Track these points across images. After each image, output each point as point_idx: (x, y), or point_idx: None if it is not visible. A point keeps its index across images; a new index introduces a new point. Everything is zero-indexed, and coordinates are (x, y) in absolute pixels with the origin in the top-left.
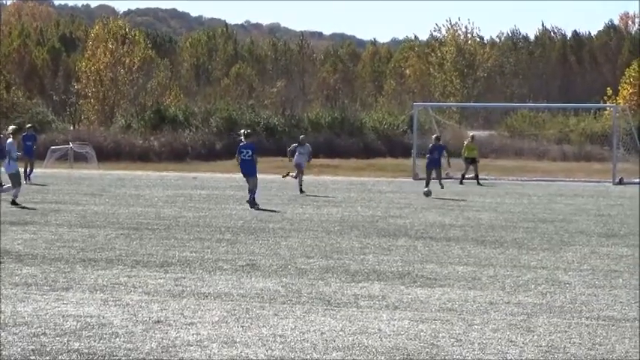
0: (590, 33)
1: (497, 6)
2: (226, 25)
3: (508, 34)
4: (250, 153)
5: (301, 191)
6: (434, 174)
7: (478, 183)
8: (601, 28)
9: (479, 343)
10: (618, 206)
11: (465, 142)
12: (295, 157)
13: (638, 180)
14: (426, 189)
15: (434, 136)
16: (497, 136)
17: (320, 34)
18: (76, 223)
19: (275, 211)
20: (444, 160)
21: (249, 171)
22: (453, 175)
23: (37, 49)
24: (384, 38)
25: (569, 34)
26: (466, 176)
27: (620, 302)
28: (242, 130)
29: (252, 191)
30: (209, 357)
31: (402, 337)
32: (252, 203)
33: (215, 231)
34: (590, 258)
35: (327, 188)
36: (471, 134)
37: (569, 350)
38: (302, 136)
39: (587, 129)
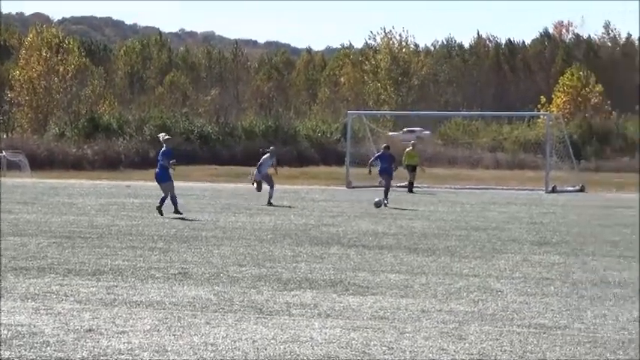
0: (524, 41)
1: (433, 14)
2: (160, 33)
3: (443, 42)
4: (162, 158)
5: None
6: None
7: (411, 191)
8: (535, 36)
9: (410, 351)
10: (551, 214)
11: (406, 150)
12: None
13: (570, 188)
14: (378, 199)
15: (384, 145)
16: (430, 144)
17: (255, 42)
18: (7, 232)
19: (207, 220)
20: (394, 173)
21: (158, 177)
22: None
23: None
24: (318, 46)
25: (503, 43)
26: (405, 183)
27: (552, 310)
28: (161, 135)
29: (172, 198)
30: None
31: (334, 345)
32: (161, 207)
33: (148, 239)
34: (522, 266)
35: (260, 196)
36: (412, 142)
37: (500, 358)
38: (272, 147)
39: (520, 137)
